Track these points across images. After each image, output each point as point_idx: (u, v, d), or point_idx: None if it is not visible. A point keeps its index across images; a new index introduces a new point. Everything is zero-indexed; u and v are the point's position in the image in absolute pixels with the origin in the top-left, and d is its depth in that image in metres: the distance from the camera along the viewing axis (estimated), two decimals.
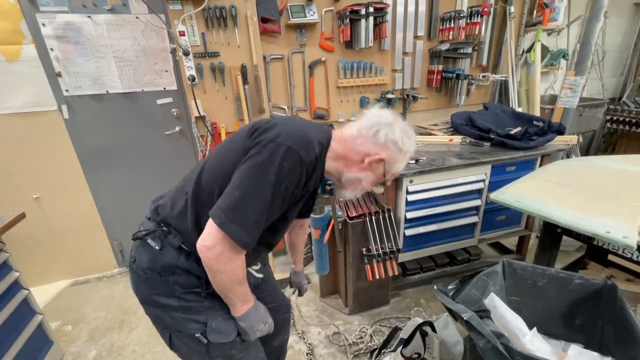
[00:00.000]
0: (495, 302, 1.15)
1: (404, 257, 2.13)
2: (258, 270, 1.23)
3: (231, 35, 2.03)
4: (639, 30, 3.33)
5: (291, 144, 0.83)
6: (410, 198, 1.94)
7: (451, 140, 2.27)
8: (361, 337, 1.89)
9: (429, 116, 2.84)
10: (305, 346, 1.85)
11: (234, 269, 0.87)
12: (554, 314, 1.35)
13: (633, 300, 1.71)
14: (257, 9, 2.06)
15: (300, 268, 1.42)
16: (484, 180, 2.04)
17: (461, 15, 2.44)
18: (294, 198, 0.91)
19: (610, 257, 1.97)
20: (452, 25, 2.47)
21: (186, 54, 1.95)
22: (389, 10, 2.31)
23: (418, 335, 1.52)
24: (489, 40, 2.68)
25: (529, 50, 2.77)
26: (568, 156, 2.55)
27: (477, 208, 2.14)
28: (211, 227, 0.83)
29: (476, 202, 2.10)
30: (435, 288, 1.27)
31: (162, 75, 2.24)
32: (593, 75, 3.36)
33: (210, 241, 0.82)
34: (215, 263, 0.84)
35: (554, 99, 2.72)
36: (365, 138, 0.95)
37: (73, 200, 2.35)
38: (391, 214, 1.83)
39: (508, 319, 1.10)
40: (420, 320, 1.58)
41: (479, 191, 2.09)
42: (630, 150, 3.08)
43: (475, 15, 2.46)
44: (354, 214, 1.83)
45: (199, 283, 0.96)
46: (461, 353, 1.46)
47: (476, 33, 2.52)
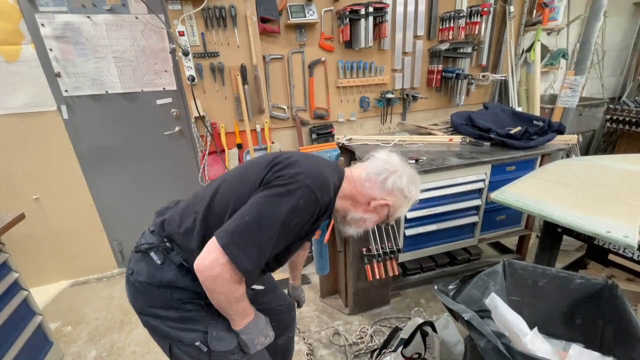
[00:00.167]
0: (495, 302, 1.14)
1: (404, 257, 2.13)
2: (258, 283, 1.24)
3: (231, 35, 2.03)
4: (639, 29, 3.33)
5: (310, 184, 0.86)
6: None
7: (451, 140, 2.27)
8: (361, 337, 1.89)
9: (428, 116, 2.84)
10: (306, 346, 1.85)
11: (232, 291, 0.86)
12: (554, 314, 1.35)
13: (634, 299, 1.71)
14: (257, 9, 2.06)
15: (298, 284, 1.45)
16: (484, 180, 2.04)
17: (461, 14, 2.44)
18: (301, 234, 0.94)
19: (610, 257, 1.97)
20: (452, 24, 2.46)
21: (186, 54, 1.95)
22: (389, 10, 2.31)
23: (418, 335, 1.52)
24: (488, 40, 2.68)
25: (529, 49, 2.77)
26: (568, 156, 2.54)
27: (477, 208, 2.14)
28: (213, 247, 0.82)
29: (476, 202, 2.10)
30: (435, 288, 1.26)
31: (162, 75, 2.24)
32: (593, 75, 3.36)
33: (209, 261, 0.81)
34: (213, 284, 0.83)
35: (553, 99, 2.72)
36: (373, 183, 1.00)
37: (73, 201, 2.35)
38: None
39: (509, 319, 1.10)
40: (420, 320, 1.58)
41: (479, 191, 2.09)
42: (630, 149, 3.08)
43: (475, 14, 2.46)
44: None
45: (197, 298, 0.96)
46: (462, 353, 1.46)
47: (476, 33, 2.52)
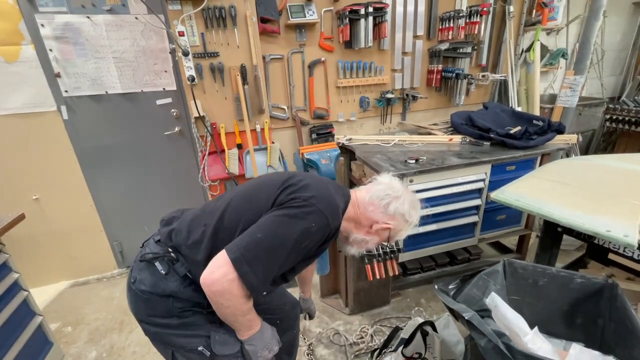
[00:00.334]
0: (496, 302, 1.14)
1: (404, 257, 2.13)
2: None
3: (230, 36, 2.03)
4: (638, 29, 3.33)
5: (323, 209, 0.90)
6: None
7: (451, 139, 2.28)
8: (362, 337, 1.89)
9: (428, 116, 2.84)
10: (306, 346, 1.85)
11: (239, 305, 0.87)
12: (554, 313, 1.35)
13: (634, 299, 1.71)
14: (257, 9, 2.06)
15: (309, 296, 1.47)
16: (484, 180, 2.04)
17: (460, 14, 2.44)
18: (308, 255, 0.96)
19: (610, 256, 1.98)
20: (452, 24, 2.46)
21: (185, 54, 1.95)
22: (388, 10, 2.31)
23: (419, 335, 1.52)
24: (488, 40, 2.68)
25: (529, 49, 2.77)
26: (568, 155, 2.55)
27: (477, 207, 2.14)
28: (223, 261, 0.82)
29: (476, 202, 2.10)
30: (436, 288, 1.26)
31: (162, 75, 2.24)
32: (592, 75, 3.37)
33: (218, 275, 0.81)
34: (220, 298, 0.83)
35: (553, 98, 2.72)
36: (376, 207, 1.04)
37: (72, 201, 2.35)
38: None
39: (509, 318, 1.09)
40: (421, 320, 1.58)
41: (479, 190, 2.09)
42: (629, 149, 3.08)
43: (475, 14, 2.46)
44: None
45: (199, 307, 0.97)
46: (462, 353, 1.46)
47: (475, 32, 2.52)
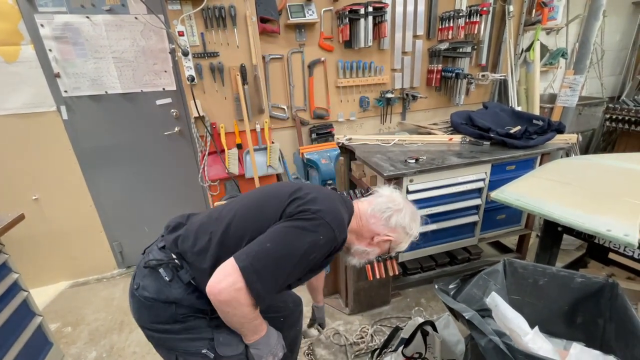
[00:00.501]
0: (496, 301, 1.14)
1: (404, 257, 2.13)
2: None
3: (230, 35, 2.03)
4: (638, 28, 3.33)
5: (330, 222, 0.91)
6: (410, 197, 1.94)
7: (451, 139, 2.27)
8: (362, 337, 1.88)
9: (428, 115, 2.84)
10: (306, 346, 1.85)
11: (247, 313, 0.87)
12: (555, 313, 1.35)
13: (634, 298, 1.71)
14: (256, 8, 2.06)
15: (322, 303, 1.47)
16: (484, 179, 2.04)
17: (460, 14, 2.44)
18: (314, 267, 0.98)
19: (610, 256, 1.97)
20: (452, 24, 2.46)
21: (185, 54, 1.95)
22: (388, 9, 2.30)
23: (419, 335, 1.52)
24: (488, 40, 2.68)
25: (528, 49, 2.77)
26: (568, 155, 2.54)
27: (477, 207, 2.14)
28: (232, 269, 0.82)
29: (476, 201, 2.10)
30: (436, 287, 1.26)
31: (161, 75, 2.24)
32: (592, 74, 3.37)
33: (226, 284, 0.81)
34: (227, 306, 0.84)
35: (553, 98, 2.72)
36: (378, 219, 1.06)
37: (72, 201, 2.34)
38: None
39: (509, 318, 1.09)
40: (421, 320, 1.57)
41: (479, 190, 2.09)
42: (629, 148, 3.08)
43: (475, 14, 2.46)
44: None
45: (202, 313, 0.97)
46: (462, 352, 1.46)
47: (475, 32, 2.52)
